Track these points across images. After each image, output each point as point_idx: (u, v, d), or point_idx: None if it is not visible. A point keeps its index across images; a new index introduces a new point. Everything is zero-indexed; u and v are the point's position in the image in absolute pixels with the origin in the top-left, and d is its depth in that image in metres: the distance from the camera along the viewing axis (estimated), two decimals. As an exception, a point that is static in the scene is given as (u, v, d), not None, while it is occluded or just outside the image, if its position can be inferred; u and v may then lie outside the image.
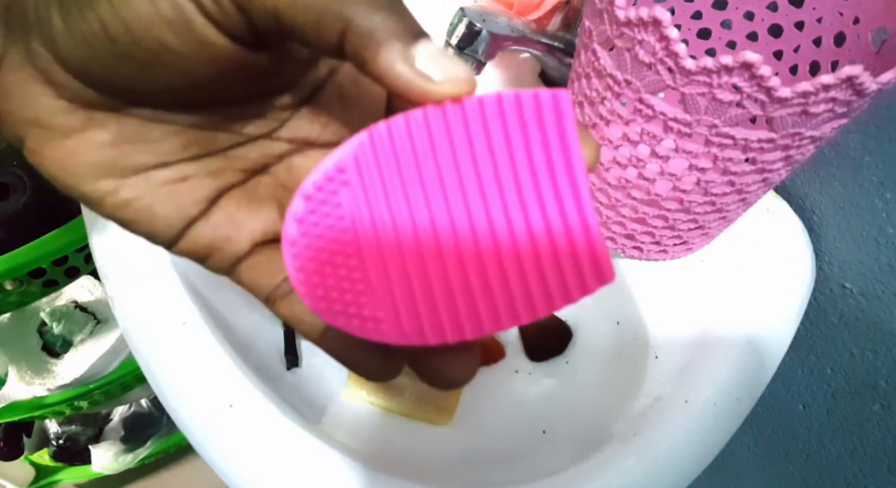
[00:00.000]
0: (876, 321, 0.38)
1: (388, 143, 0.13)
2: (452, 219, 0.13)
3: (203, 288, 0.36)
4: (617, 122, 0.29)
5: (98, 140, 0.15)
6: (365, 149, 0.13)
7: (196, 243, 0.17)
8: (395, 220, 0.13)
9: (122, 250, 0.35)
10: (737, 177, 0.29)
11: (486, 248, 0.13)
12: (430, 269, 0.13)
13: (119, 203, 0.16)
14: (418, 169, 0.13)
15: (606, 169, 0.32)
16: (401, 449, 0.37)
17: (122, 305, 0.34)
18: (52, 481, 0.92)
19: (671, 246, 0.35)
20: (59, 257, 0.55)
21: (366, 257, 0.13)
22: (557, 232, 0.13)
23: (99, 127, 0.15)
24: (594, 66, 0.29)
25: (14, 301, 0.58)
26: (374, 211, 0.13)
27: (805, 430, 0.48)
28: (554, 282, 0.13)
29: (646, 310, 0.37)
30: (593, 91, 0.30)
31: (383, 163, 0.13)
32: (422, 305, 0.13)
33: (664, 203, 0.31)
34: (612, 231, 0.35)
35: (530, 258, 0.13)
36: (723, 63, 0.22)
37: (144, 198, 0.16)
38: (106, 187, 0.16)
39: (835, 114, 0.24)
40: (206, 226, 0.17)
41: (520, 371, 0.43)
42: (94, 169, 0.15)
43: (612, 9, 0.25)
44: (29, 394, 0.68)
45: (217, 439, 0.30)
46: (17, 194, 0.56)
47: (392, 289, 0.13)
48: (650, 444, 0.31)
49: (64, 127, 0.15)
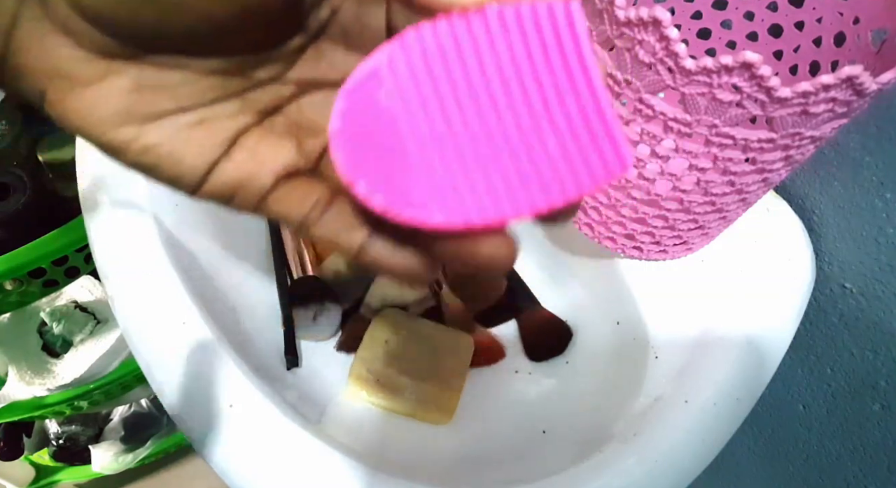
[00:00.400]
0: (876, 321, 0.38)
1: (417, 45, 0.14)
2: (481, 109, 0.14)
3: (203, 288, 0.36)
4: None
5: (118, 87, 0.16)
6: (396, 51, 0.14)
7: (221, 183, 0.17)
8: (429, 113, 0.14)
9: (122, 250, 0.35)
10: (737, 177, 0.29)
11: (515, 135, 0.14)
12: (468, 155, 0.15)
13: (143, 149, 0.16)
14: (446, 67, 0.14)
15: None
16: (401, 449, 0.37)
17: (122, 305, 0.34)
18: (52, 481, 0.92)
19: (671, 246, 0.35)
20: (59, 257, 0.55)
21: (407, 145, 0.15)
22: (577, 120, 0.14)
23: (118, 75, 0.16)
24: None
25: (14, 301, 0.58)
26: (409, 105, 0.15)
27: (805, 430, 0.48)
28: (581, 164, 0.14)
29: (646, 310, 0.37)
30: None
31: (415, 62, 0.14)
32: (463, 186, 0.15)
33: (664, 203, 0.31)
34: (612, 231, 0.35)
35: (556, 143, 0.14)
36: (723, 63, 0.23)
37: (167, 144, 0.16)
38: (129, 134, 0.16)
39: (835, 114, 0.24)
40: (229, 166, 0.17)
41: (520, 371, 0.43)
42: (116, 116, 0.16)
43: (612, 9, 0.25)
44: (29, 394, 0.68)
45: (217, 439, 0.30)
46: (17, 194, 0.56)
47: (433, 174, 0.15)
48: (650, 444, 0.31)
49: (85, 76, 0.15)
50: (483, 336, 0.44)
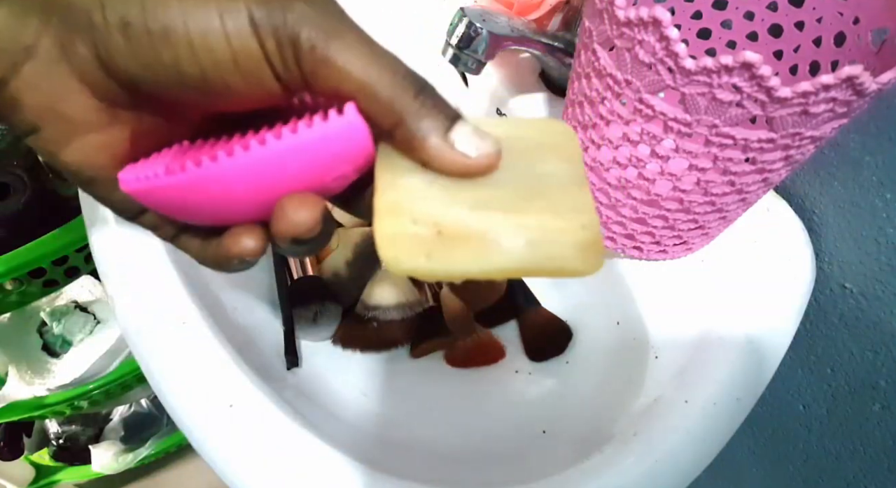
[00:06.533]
0: (876, 321, 0.38)
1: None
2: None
3: (203, 288, 0.36)
4: (617, 122, 0.29)
5: (120, 136, 0.17)
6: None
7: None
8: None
9: (122, 250, 0.35)
10: (737, 177, 0.29)
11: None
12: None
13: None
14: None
15: (606, 169, 0.32)
16: (401, 449, 0.37)
17: (122, 305, 0.34)
18: (52, 481, 0.92)
19: (671, 246, 0.35)
20: (59, 257, 0.55)
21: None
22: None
23: (122, 123, 0.17)
24: (594, 65, 0.29)
25: (14, 301, 0.58)
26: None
27: (805, 430, 0.48)
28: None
29: (646, 310, 0.37)
30: (593, 91, 0.30)
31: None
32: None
33: (664, 203, 0.31)
34: (612, 231, 0.35)
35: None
36: (723, 63, 0.22)
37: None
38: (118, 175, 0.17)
39: (835, 114, 0.24)
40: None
41: (520, 371, 0.43)
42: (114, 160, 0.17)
43: (612, 9, 0.25)
44: (29, 394, 0.68)
45: (217, 439, 0.30)
46: (17, 194, 0.56)
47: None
48: (650, 444, 0.31)
49: (91, 123, 0.16)
50: (483, 336, 0.44)
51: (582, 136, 0.32)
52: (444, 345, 0.44)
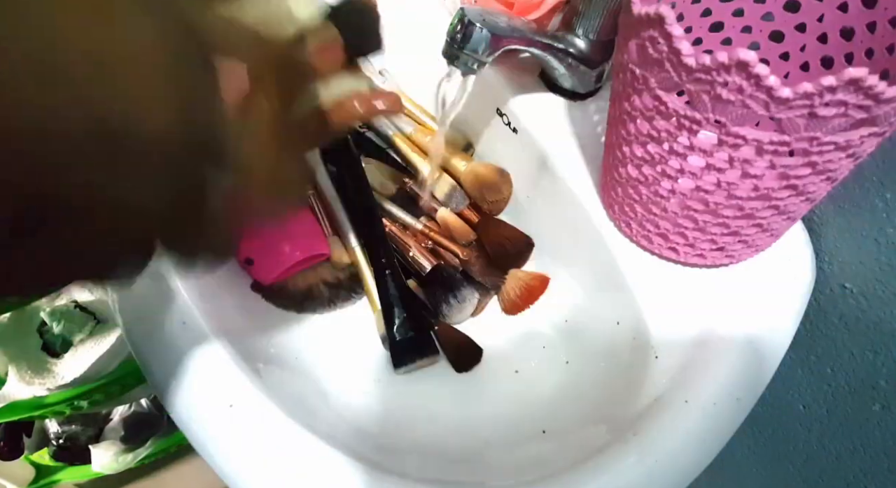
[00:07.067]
0: (876, 321, 0.38)
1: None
2: None
3: (203, 288, 0.36)
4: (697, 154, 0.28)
5: None
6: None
7: None
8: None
9: (122, 250, 0.35)
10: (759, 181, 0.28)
11: None
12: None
13: None
14: None
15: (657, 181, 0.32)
16: (401, 449, 0.37)
17: (122, 305, 0.34)
18: (52, 481, 0.92)
19: (708, 250, 0.35)
20: (59, 257, 0.55)
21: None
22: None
23: None
24: (659, 109, 0.28)
25: (14, 301, 0.58)
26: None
27: (805, 430, 0.48)
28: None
29: (646, 310, 0.37)
30: (662, 132, 0.29)
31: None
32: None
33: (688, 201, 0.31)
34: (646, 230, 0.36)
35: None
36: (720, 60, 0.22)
37: None
38: None
39: (853, 119, 0.23)
40: None
41: (520, 371, 0.43)
42: None
43: (680, 58, 0.25)
44: (29, 394, 0.68)
45: (217, 439, 0.30)
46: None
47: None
48: (650, 444, 0.31)
49: None
50: (519, 273, 0.47)
51: (650, 171, 0.32)
52: (485, 302, 0.47)
